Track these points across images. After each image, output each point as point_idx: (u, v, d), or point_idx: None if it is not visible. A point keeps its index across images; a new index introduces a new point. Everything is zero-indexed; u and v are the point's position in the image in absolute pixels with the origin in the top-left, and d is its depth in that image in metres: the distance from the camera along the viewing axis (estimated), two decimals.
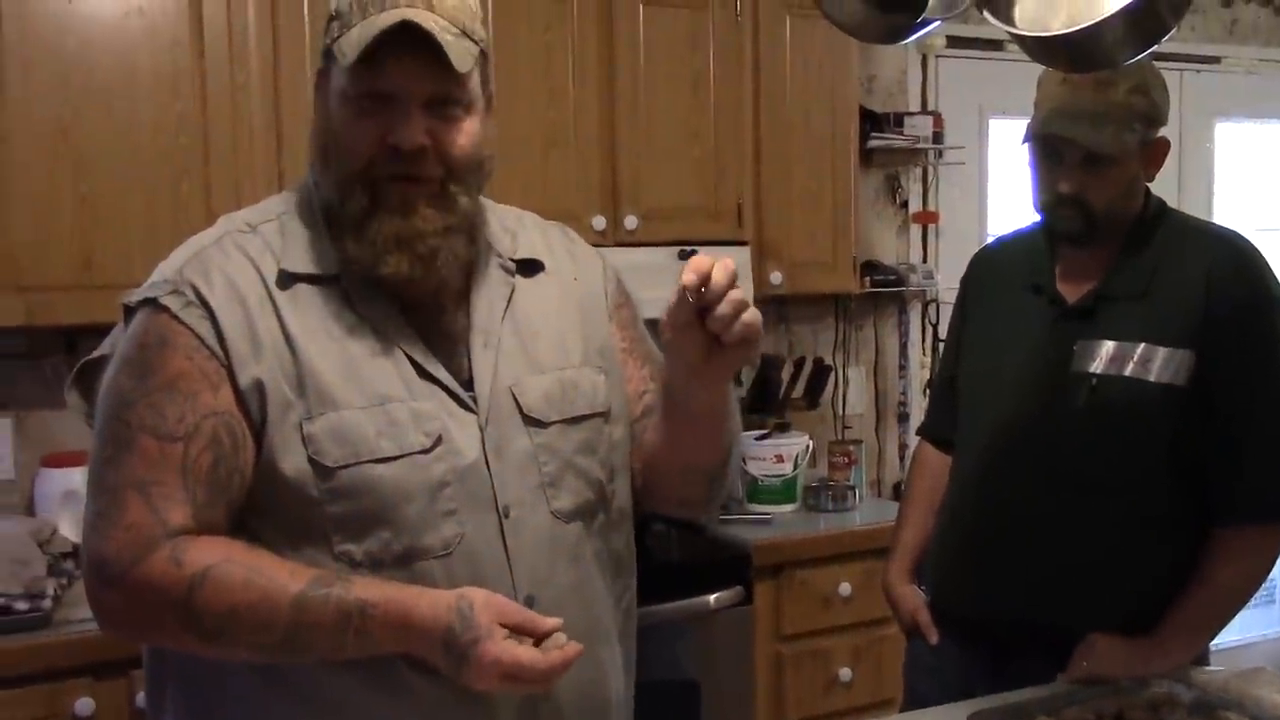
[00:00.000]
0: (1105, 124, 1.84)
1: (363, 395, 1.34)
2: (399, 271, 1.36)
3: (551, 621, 1.29)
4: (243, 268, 1.36)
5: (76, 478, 2.72)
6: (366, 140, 1.34)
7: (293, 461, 1.32)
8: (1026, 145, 1.94)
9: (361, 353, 1.36)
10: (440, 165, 1.37)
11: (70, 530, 2.67)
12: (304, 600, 1.26)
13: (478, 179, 1.42)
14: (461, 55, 1.33)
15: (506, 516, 1.39)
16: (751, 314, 1.29)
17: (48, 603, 2.38)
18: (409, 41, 1.31)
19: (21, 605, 2.35)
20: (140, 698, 2.30)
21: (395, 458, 1.34)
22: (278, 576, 1.28)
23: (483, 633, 1.26)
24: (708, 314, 1.27)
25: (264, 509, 1.34)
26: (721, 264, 1.26)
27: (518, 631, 1.28)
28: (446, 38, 1.32)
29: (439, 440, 1.36)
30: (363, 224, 1.36)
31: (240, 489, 1.33)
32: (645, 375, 1.58)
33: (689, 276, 1.25)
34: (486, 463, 1.39)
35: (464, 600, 1.28)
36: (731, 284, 1.27)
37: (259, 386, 1.32)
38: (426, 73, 1.33)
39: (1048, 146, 1.90)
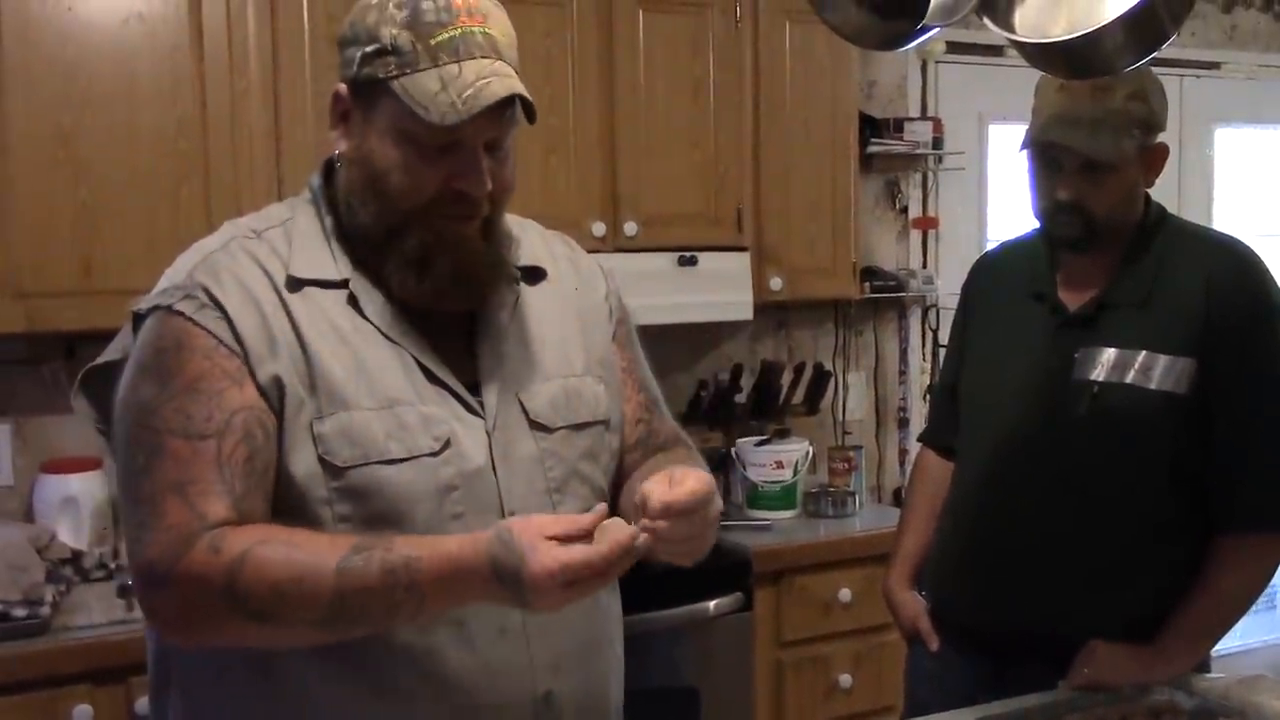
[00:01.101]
0: (1103, 130, 1.84)
1: (373, 397, 1.35)
2: (458, 308, 1.41)
3: (590, 516, 1.25)
4: (252, 271, 1.37)
5: (75, 484, 2.73)
6: (433, 184, 1.35)
7: (303, 460, 1.32)
8: (1025, 152, 1.94)
9: (371, 356, 1.37)
10: (489, 201, 1.39)
11: (69, 537, 2.67)
12: (347, 566, 1.23)
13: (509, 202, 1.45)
14: (532, 107, 1.35)
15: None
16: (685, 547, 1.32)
17: (46, 609, 2.38)
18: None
19: (20, 612, 2.35)
20: (140, 704, 2.30)
21: (404, 460, 1.34)
22: (318, 548, 1.25)
23: (527, 549, 1.21)
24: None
25: (274, 508, 1.33)
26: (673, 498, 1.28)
27: (564, 541, 1.23)
28: (526, 92, 1.34)
29: (447, 444, 1.36)
30: (423, 263, 1.37)
31: (274, 481, 1.32)
32: (641, 402, 1.59)
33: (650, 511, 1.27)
34: (494, 467, 1.39)
35: (501, 529, 1.24)
36: (685, 510, 1.28)
37: (278, 383, 1.32)
38: (495, 121, 1.35)
39: (1046, 154, 1.90)
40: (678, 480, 1.30)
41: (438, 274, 1.37)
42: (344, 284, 1.39)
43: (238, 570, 1.24)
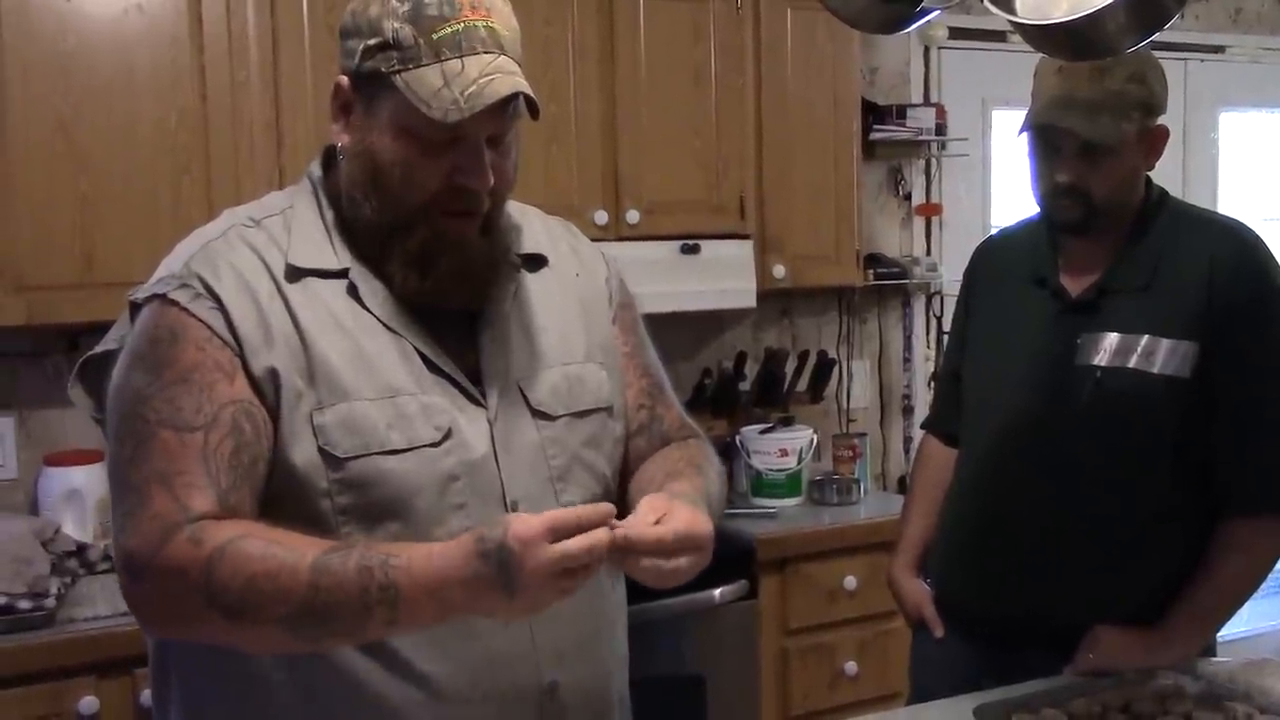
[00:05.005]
0: (1101, 113, 1.83)
1: (373, 387, 1.34)
2: (461, 304, 1.40)
3: (570, 512, 1.21)
4: (249, 261, 1.36)
5: (79, 477, 2.73)
6: (435, 179, 1.34)
7: (303, 452, 1.31)
8: (1024, 136, 1.93)
9: (371, 346, 1.36)
10: (490, 196, 1.38)
11: (73, 529, 2.67)
12: (323, 563, 1.21)
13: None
14: (535, 103, 1.34)
15: (515, 511, 1.37)
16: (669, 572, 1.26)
17: (51, 601, 2.38)
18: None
19: (25, 604, 2.35)
20: (145, 696, 2.30)
21: (405, 450, 1.33)
22: (297, 545, 1.24)
23: (513, 546, 1.17)
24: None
25: (273, 500, 1.32)
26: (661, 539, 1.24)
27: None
28: (529, 89, 1.32)
29: (449, 434, 1.36)
30: (424, 261, 1.36)
31: (265, 475, 1.31)
32: (643, 386, 1.58)
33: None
34: (495, 457, 1.38)
35: (485, 532, 1.20)
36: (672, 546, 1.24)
37: (273, 374, 1.31)
38: (498, 117, 1.33)
39: (1045, 137, 1.89)
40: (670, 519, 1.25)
41: (440, 273, 1.37)
42: (344, 274, 1.38)
43: (215, 563, 1.22)
